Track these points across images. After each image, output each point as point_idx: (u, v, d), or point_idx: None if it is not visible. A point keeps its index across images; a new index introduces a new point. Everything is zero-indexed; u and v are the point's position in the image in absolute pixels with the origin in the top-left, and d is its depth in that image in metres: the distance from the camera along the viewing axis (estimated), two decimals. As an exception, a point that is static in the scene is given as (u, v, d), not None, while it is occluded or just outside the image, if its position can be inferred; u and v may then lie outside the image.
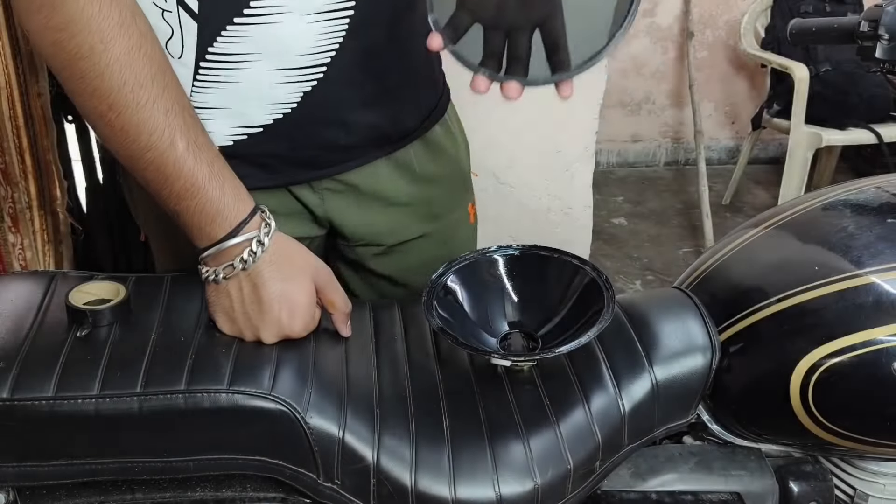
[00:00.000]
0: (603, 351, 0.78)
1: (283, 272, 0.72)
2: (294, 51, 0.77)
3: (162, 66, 0.68)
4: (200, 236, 0.71)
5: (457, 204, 1.02)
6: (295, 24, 0.75)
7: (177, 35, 0.75)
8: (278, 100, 0.80)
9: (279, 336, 0.73)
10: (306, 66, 0.79)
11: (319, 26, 0.77)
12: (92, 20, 0.63)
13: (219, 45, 0.76)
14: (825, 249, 0.77)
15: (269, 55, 0.77)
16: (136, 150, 0.68)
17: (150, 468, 0.68)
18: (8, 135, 1.40)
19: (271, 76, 0.78)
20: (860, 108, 2.57)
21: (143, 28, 0.67)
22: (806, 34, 0.93)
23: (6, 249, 1.48)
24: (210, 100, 0.79)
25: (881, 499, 0.82)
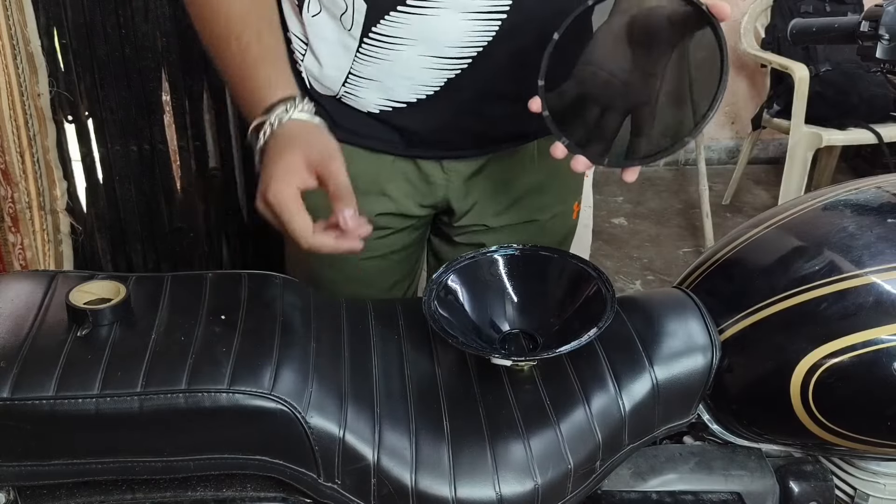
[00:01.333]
0: (603, 351, 0.78)
1: (281, 144, 0.77)
2: (445, 42, 0.85)
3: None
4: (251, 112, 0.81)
5: (565, 199, 1.08)
6: (450, 19, 0.83)
7: (349, 11, 0.85)
8: (424, 82, 0.88)
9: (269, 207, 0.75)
10: (453, 57, 0.86)
11: (472, 24, 0.84)
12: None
13: (381, 27, 0.85)
14: (825, 249, 0.77)
15: (422, 42, 0.85)
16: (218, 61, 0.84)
17: (150, 468, 0.68)
18: (8, 135, 1.40)
19: (421, 61, 0.87)
20: (860, 108, 2.57)
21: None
22: (806, 34, 0.93)
23: (6, 249, 1.48)
24: (367, 72, 0.89)
25: (881, 499, 0.82)
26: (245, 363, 0.69)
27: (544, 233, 1.07)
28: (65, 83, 1.53)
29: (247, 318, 0.74)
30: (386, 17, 0.84)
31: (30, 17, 1.42)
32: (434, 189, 0.99)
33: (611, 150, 0.77)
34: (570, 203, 1.09)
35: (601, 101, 0.77)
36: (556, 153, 0.77)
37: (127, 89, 1.59)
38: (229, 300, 0.77)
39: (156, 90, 1.61)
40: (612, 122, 0.77)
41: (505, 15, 0.84)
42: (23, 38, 1.40)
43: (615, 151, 0.77)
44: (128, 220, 1.70)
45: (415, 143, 0.95)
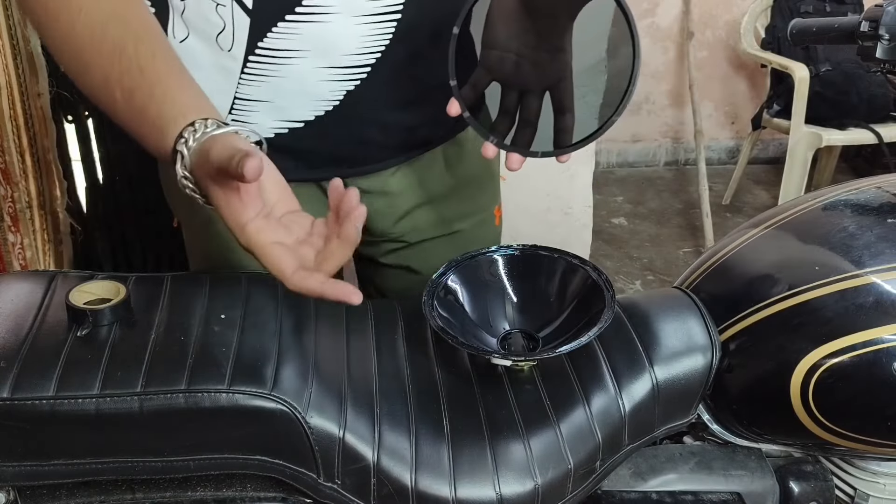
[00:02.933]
0: (603, 351, 0.78)
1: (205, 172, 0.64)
2: (341, 50, 0.79)
3: (102, 22, 0.68)
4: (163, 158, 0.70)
5: (484, 206, 1.04)
6: (344, 24, 0.78)
7: (228, 29, 0.77)
8: (322, 97, 0.82)
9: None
10: (351, 66, 0.81)
11: (367, 28, 0.79)
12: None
13: (269, 41, 0.78)
14: (825, 249, 0.77)
15: (317, 53, 0.79)
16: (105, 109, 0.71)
17: (150, 468, 0.68)
18: (8, 135, 1.40)
19: (317, 73, 0.80)
20: (860, 108, 2.57)
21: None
22: (806, 34, 0.93)
23: (6, 249, 1.48)
24: (255, 93, 0.81)
25: (881, 499, 0.82)
26: (245, 363, 0.69)
27: (469, 243, 1.00)
28: (65, 83, 1.53)
29: (246, 318, 0.74)
30: (274, 30, 0.77)
31: (30, 17, 1.41)
32: None
33: (537, 135, 0.75)
34: (491, 209, 1.05)
35: (515, 84, 0.74)
36: (488, 153, 0.75)
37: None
38: (229, 300, 0.77)
39: (156, 90, 1.61)
40: (532, 105, 0.74)
41: (399, 15, 0.80)
42: (23, 38, 1.40)
43: (543, 136, 0.75)
44: (128, 220, 1.70)
45: (316, 164, 0.88)
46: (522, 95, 0.75)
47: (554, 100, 0.75)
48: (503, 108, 0.76)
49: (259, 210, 0.64)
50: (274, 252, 0.63)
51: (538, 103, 0.75)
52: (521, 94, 0.75)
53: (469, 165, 0.98)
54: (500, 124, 0.76)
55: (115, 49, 0.67)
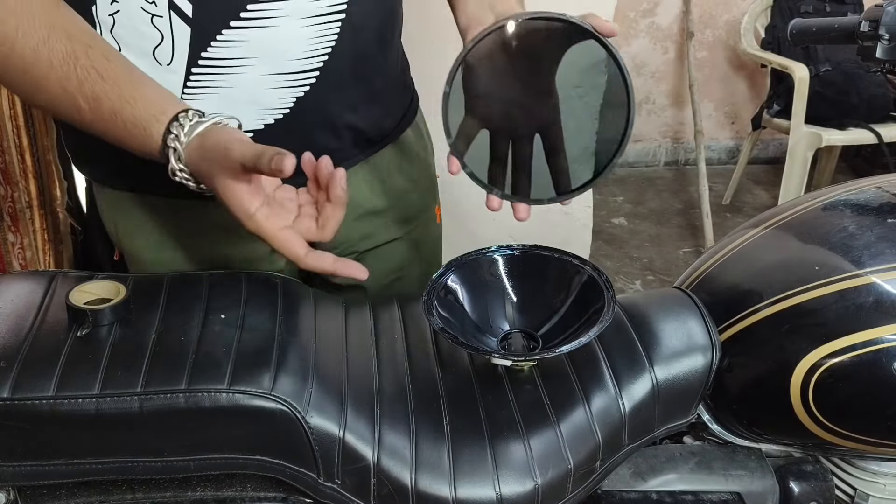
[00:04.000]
0: (603, 351, 0.78)
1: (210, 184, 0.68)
2: (289, 55, 0.77)
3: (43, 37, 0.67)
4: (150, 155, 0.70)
5: (427, 206, 1.03)
6: (291, 27, 0.75)
7: (167, 41, 0.73)
8: (271, 105, 0.79)
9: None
10: (300, 71, 0.79)
11: (313, 30, 0.77)
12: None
13: (213, 50, 0.75)
14: (825, 249, 0.77)
15: (264, 60, 0.76)
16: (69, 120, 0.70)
17: (150, 468, 0.68)
18: (8, 134, 1.40)
19: (265, 81, 0.78)
20: (860, 108, 2.57)
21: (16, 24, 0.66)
22: (806, 34, 0.93)
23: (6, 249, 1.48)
24: (201, 106, 0.76)
25: (882, 499, 0.82)
26: (245, 363, 0.69)
27: (416, 245, 1.01)
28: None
29: (246, 318, 0.74)
30: (218, 38, 0.74)
31: (30, 16, 1.41)
32: None
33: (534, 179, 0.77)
34: (432, 209, 1.05)
35: (506, 132, 0.75)
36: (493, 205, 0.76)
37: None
38: (229, 300, 0.77)
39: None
40: (524, 150, 0.75)
41: (344, 15, 0.78)
42: (23, 37, 1.40)
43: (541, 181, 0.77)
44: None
45: None
46: (514, 141, 0.75)
47: (545, 143, 0.75)
48: (495, 156, 0.76)
49: (263, 198, 0.68)
50: (285, 237, 0.68)
51: (529, 148, 0.75)
52: (512, 140, 0.75)
53: (413, 167, 0.98)
54: (495, 172, 0.76)
55: (67, 59, 0.67)
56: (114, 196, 0.89)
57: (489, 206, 0.77)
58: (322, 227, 0.69)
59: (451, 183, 0.87)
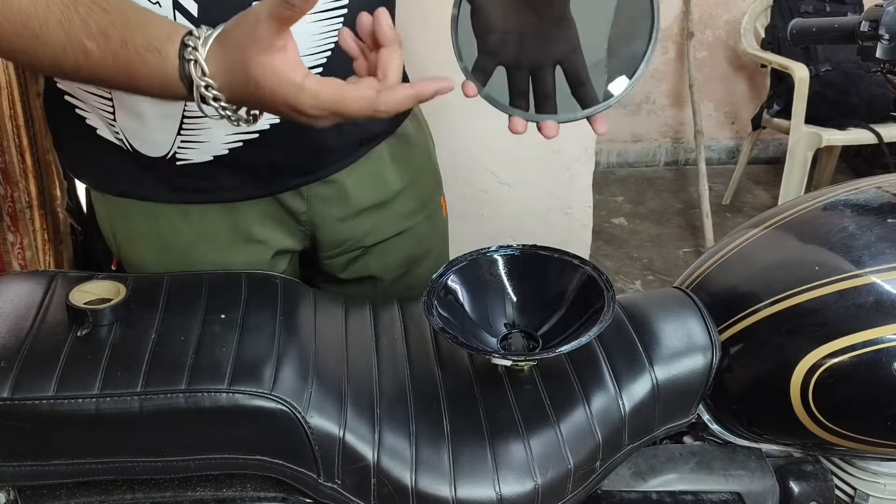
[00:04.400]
0: (603, 351, 0.78)
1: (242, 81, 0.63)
2: None
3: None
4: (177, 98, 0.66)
5: (430, 198, 1.03)
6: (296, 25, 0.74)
7: None
8: None
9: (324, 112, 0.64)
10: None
11: (318, 26, 0.77)
12: None
13: None
14: (825, 249, 0.77)
15: None
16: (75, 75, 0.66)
17: (150, 468, 0.68)
18: (8, 134, 1.40)
19: None
20: (860, 108, 2.57)
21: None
22: (806, 34, 0.93)
23: (6, 249, 1.48)
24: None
25: (882, 499, 0.82)
26: (245, 363, 0.69)
27: (423, 238, 1.01)
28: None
29: (246, 318, 0.74)
30: None
31: (30, 16, 1.41)
32: (299, 219, 0.92)
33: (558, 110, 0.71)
34: (437, 200, 1.04)
35: (524, 64, 0.70)
36: (517, 128, 0.70)
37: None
38: (229, 300, 0.77)
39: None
40: (547, 80, 0.71)
41: (346, 10, 0.78)
42: (23, 37, 1.40)
43: (565, 108, 0.71)
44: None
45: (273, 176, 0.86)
46: (533, 73, 0.71)
47: (567, 73, 0.71)
48: (515, 91, 0.71)
49: (306, 70, 0.63)
50: (349, 90, 0.63)
51: (551, 78, 0.71)
52: (531, 73, 0.71)
53: (415, 158, 0.98)
54: (517, 106, 0.71)
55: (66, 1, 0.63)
56: (112, 203, 0.89)
57: (513, 128, 0.70)
58: (384, 77, 0.64)
59: (451, 183, 0.87)
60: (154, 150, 0.81)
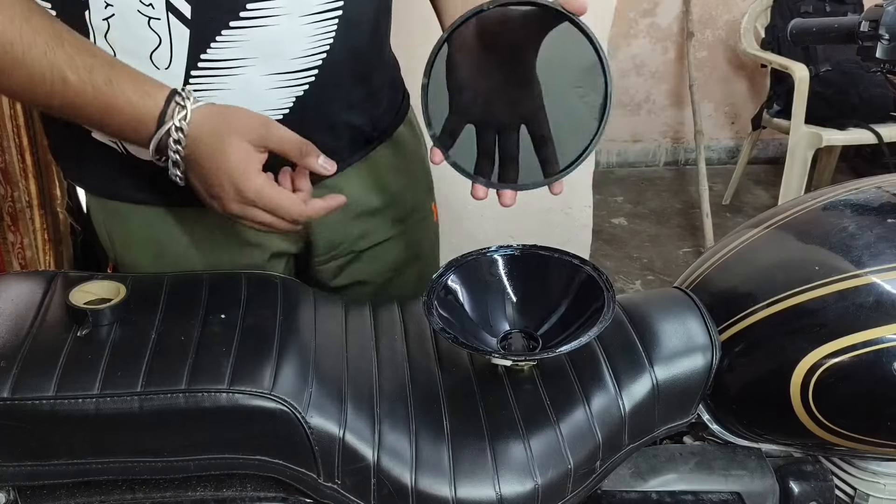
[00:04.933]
0: (603, 351, 0.78)
1: (210, 145, 0.71)
2: (288, 54, 0.77)
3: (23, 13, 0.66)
4: (142, 145, 0.72)
5: (422, 203, 1.03)
6: (290, 25, 0.75)
7: (165, 44, 0.72)
8: (271, 105, 0.79)
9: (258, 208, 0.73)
10: (299, 70, 0.78)
11: (313, 27, 0.77)
12: None
13: (212, 52, 0.74)
14: (825, 249, 0.77)
15: (264, 59, 0.76)
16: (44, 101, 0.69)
17: (150, 468, 0.68)
18: (8, 134, 1.40)
19: (265, 81, 0.77)
20: (860, 108, 2.57)
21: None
22: (806, 34, 0.93)
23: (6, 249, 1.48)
24: None
25: (882, 499, 0.82)
26: (245, 363, 0.69)
27: (413, 243, 1.01)
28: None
29: (246, 318, 0.74)
30: (217, 39, 0.73)
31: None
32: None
33: (520, 168, 0.76)
34: (429, 205, 1.04)
35: (492, 123, 0.75)
36: (478, 194, 0.76)
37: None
38: (229, 300, 0.77)
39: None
40: (511, 140, 0.75)
41: (340, 11, 0.77)
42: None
43: (527, 169, 0.76)
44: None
45: None
46: (500, 133, 0.75)
47: (532, 132, 0.75)
48: (482, 150, 0.76)
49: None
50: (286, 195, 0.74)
51: (516, 137, 0.75)
52: (497, 132, 0.75)
53: (408, 163, 0.99)
54: (483, 166, 0.76)
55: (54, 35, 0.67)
56: (108, 207, 0.89)
57: (474, 195, 0.76)
58: (305, 192, 0.77)
59: (450, 183, 0.87)
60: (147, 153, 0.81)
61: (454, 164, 0.76)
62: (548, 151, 0.75)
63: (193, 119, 0.70)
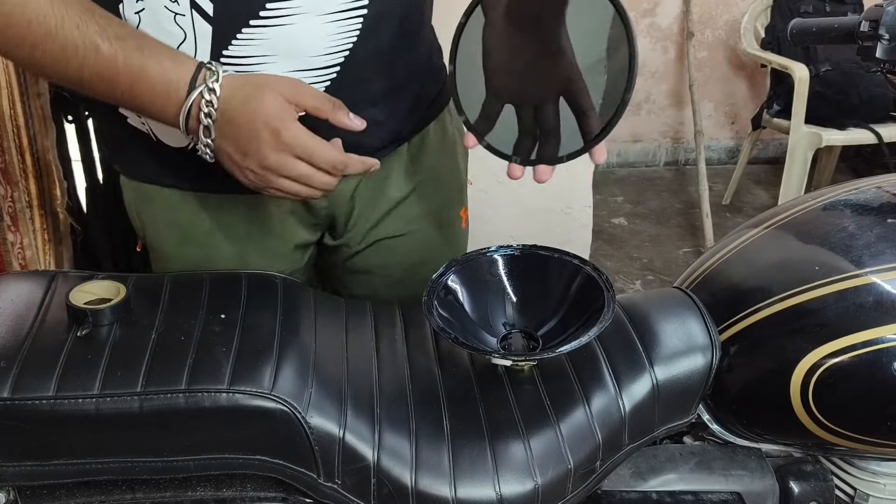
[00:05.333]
0: (603, 351, 0.78)
1: (244, 96, 0.72)
2: (309, 52, 0.77)
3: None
4: (170, 115, 0.72)
5: (448, 205, 1.02)
6: (310, 24, 0.75)
7: (189, 39, 0.75)
8: None
9: (294, 156, 0.73)
10: (320, 67, 0.79)
11: (334, 26, 0.77)
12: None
13: (233, 49, 0.75)
14: (825, 249, 0.77)
15: (284, 57, 0.77)
16: (75, 73, 0.70)
17: (150, 468, 0.68)
18: (8, 134, 1.40)
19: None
20: (860, 108, 2.57)
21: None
22: (806, 34, 0.93)
23: (6, 249, 1.48)
24: None
25: (881, 499, 0.82)
26: (245, 363, 0.69)
27: (431, 245, 1.00)
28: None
29: (246, 318, 0.74)
30: (238, 37, 0.75)
31: (30, 16, 1.41)
32: (317, 212, 0.92)
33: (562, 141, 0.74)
34: (456, 210, 1.03)
35: (528, 100, 0.73)
36: (515, 174, 0.75)
37: (127, 89, 1.58)
38: (229, 300, 0.77)
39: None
40: (550, 115, 0.73)
41: (365, 10, 0.78)
42: (23, 37, 1.40)
43: (567, 141, 0.73)
44: (128, 220, 1.70)
45: None
46: (538, 109, 0.74)
47: (571, 103, 0.73)
48: (523, 129, 0.74)
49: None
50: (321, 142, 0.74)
51: (555, 111, 0.73)
52: (536, 109, 0.74)
53: (432, 162, 0.97)
54: (524, 144, 0.75)
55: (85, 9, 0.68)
56: (140, 189, 0.91)
57: (511, 174, 0.75)
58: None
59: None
60: (175, 141, 0.83)
61: (488, 147, 0.74)
62: (590, 121, 0.72)
63: (225, 81, 0.71)
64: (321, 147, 0.73)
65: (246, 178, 0.75)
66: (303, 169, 0.74)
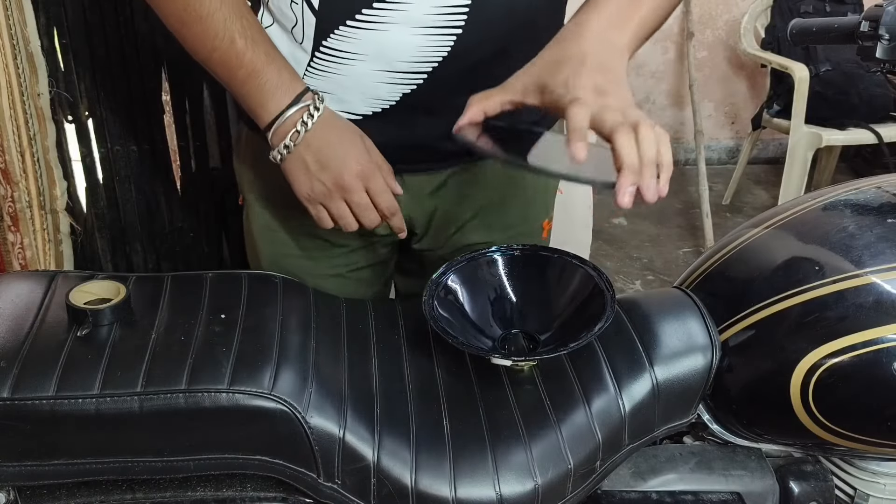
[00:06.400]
0: (603, 351, 0.78)
1: (336, 124, 0.83)
2: (397, 57, 0.82)
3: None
4: (265, 112, 0.81)
5: (530, 217, 1.02)
6: (401, 34, 0.80)
7: (300, 24, 0.83)
8: (379, 96, 0.85)
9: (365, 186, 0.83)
10: (407, 72, 0.83)
11: (424, 39, 0.81)
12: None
13: (331, 41, 0.82)
14: (825, 249, 0.77)
15: (374, 58, 0.82)
16: (205, 52, 0.81)
17: (150, 468, 0.68)
18: (8, 134, 1.40)
19: (374, 76, 0.84)
20: (860, 108, 2.57)
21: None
22: (806, 34, 0.93)
23: (6, 249, 1.49)
24: (319, 84, 0.86)
25: (881, 499, 0.82)
26: (245, 363, 0.69)
27: None
28: (65, 83, 1.53)
29: (247, 318, 0.74)
30: (336, 32, 0.82)
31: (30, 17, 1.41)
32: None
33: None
34: (538, 222, 1.04)
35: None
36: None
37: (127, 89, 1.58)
38: (229, 300, 0.77)
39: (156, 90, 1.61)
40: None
41: (460, 31, 0.81)
42: (23, 38, 1.40)
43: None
44: (128, 220, 1.70)
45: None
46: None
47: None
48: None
49: None
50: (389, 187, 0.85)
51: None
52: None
53: (517, 178, 0.97)
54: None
55: (236, 10, 0.79)
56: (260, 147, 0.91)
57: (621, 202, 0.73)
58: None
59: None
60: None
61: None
62: None
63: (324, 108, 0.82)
64: (388, 192, 0.84)
65: (311, 188, 0.82)
66: (364, 199, 0.83)
